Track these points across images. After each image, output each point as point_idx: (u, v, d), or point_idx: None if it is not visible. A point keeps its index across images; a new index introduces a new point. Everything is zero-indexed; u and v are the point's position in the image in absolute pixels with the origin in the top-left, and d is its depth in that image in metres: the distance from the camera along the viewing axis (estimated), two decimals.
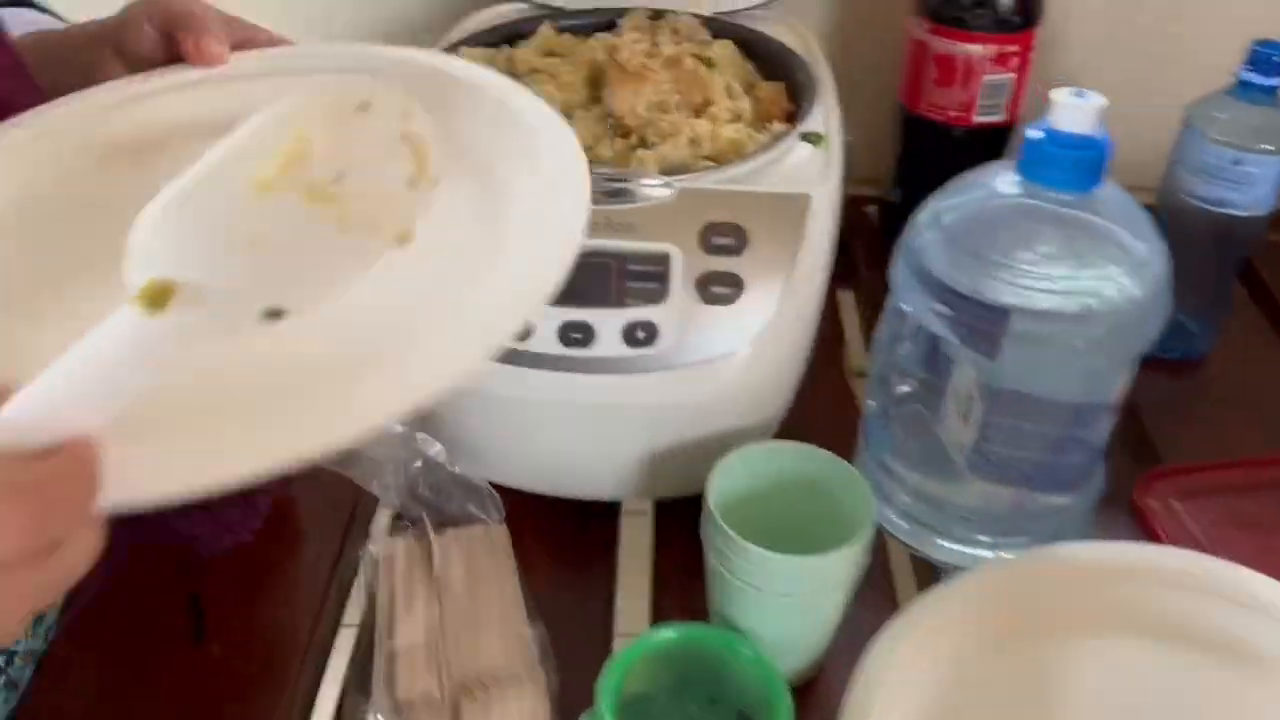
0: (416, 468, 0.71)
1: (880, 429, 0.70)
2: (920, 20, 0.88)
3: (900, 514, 0.69)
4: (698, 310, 0.61)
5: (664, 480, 0.69)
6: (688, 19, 0.82)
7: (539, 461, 0.69)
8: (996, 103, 0.88)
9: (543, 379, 0.62)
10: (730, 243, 0.62)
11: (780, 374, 0.65)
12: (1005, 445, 0.65)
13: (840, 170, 0.68)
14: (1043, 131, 0.59)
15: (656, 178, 0.63)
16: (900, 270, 0.64)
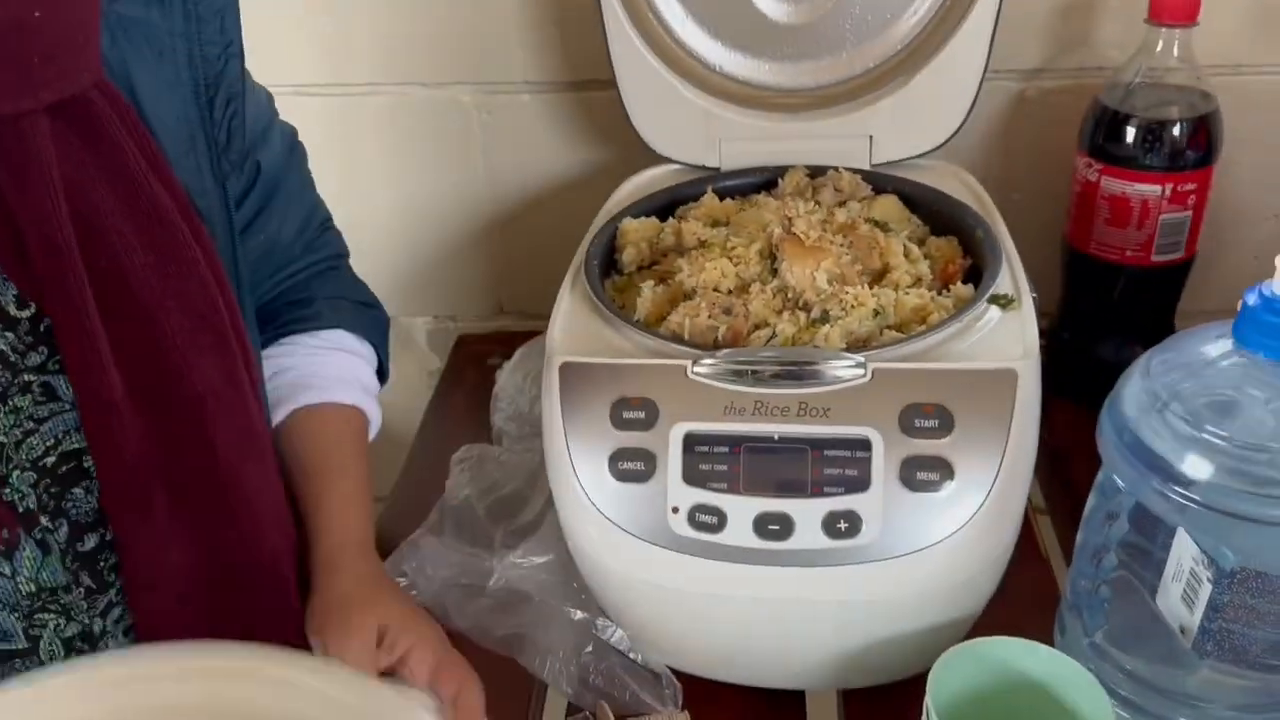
0: (588, 653, 0.69)
1: (1091, 608, 0.66)
2: (1089, 161, 0.85)
3: (1117, 700, 0.64)
4: (903, 497, 0.59)
5: (855, 672, 0.65)
6: (850, 176, 0.81)
7: (725, 651, 0.67)
8: (1175, 241, 0.84)
9: (738, 573, 0.60)
10: (934, 425, 0.59)
11: (989, 564, 0.62)
12: (1238, 623, 0.60)
13: (1037, 336, 0.65)
14: (1263, 298, 0.56)
15: (849, 357, 0.61)
16: (1111, 443, 0.60)
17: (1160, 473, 0.57)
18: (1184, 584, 0.60)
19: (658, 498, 0.61)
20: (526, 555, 0.72)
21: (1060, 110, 0.92)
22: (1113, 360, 0.63)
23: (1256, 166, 0.95)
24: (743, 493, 0.60)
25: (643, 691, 0.67)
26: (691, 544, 0.60)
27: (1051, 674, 0.57)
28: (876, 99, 0.84)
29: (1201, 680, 0.62)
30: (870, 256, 0.69)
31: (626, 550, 0.61)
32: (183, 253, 0.59)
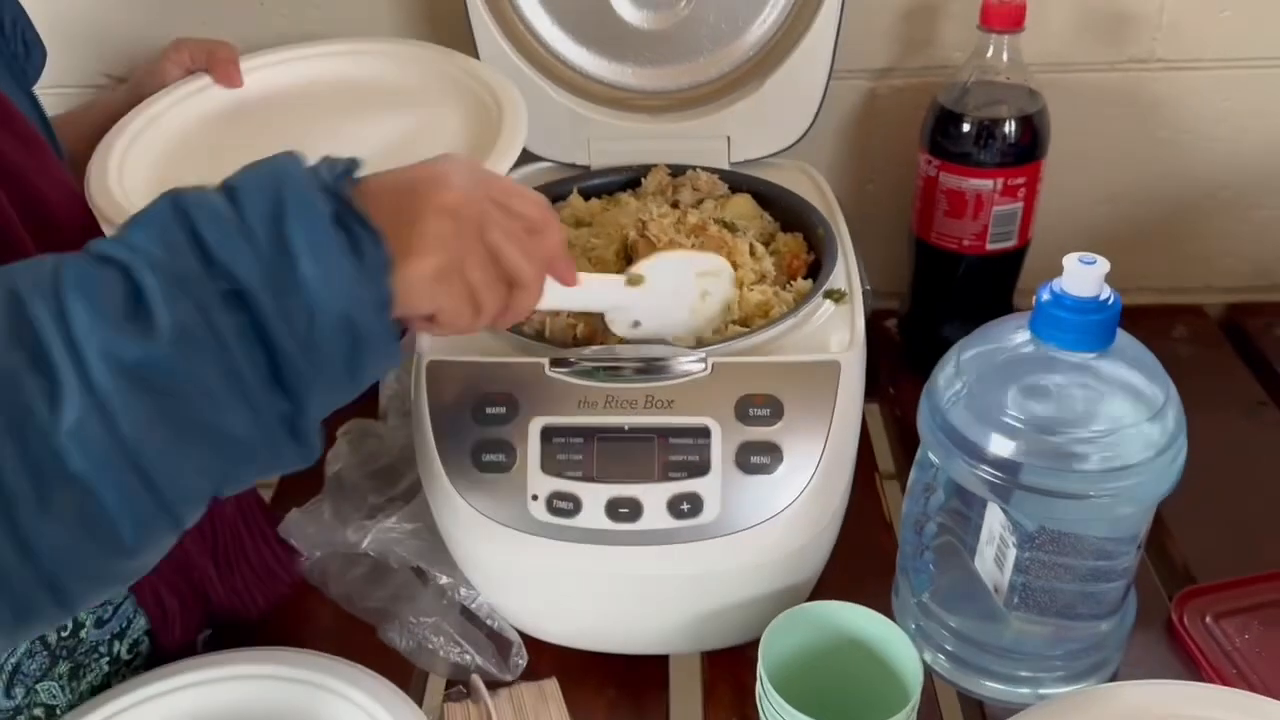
0: (445, 623, 0.74)
1: (917, 570, 0.72)
2: (929, 157, 0.91)
3: (943, 653, 0.71)
4: (739, 479, 0.64)
5: (710, 635, 0.71)
6: (707, 176, 0.86)
7: (589, 623, 0.72)
8: (1007, 230, 0.91)
9: (592, 553, 0.65)
10: (766, 413, 0.65)
11: (820, 534, 0.68)
12: (1041, 579, 0.67)
13: (864, 327, 0.71)
14: (1053, 295, 0.62)
15: (691, 353, 0.67)
16: (926, 424, 0.67)
17: (967, 451, 0.64)
18: (995, 547, 0.67)
19: (518, 486, 0.66)
20: (399, 522, 0.77)
21: (908, 109, 0.98)
22: (956, 340, 0.70)
23: (1086, 155, 1.02)
24: (596, 480, 0.65)
25: (487, 659, 0.72)
26: (550, 528, 0.65)
27: (871, 633, 0.63)
28: (732, 101, 0.89)
29: (1014, 632, 0.69)
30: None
31: (490, 536, 0.66)
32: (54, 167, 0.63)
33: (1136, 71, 0.99)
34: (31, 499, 0.40)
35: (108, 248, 0.44)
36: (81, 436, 0.40)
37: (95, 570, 0.43)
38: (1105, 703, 0.64)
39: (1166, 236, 1.08)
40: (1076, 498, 0.62)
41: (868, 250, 0.81)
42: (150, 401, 0.42)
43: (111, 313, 0.42)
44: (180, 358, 0.42)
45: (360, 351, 0.47)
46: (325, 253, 0.45)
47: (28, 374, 0.40)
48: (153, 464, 0.42)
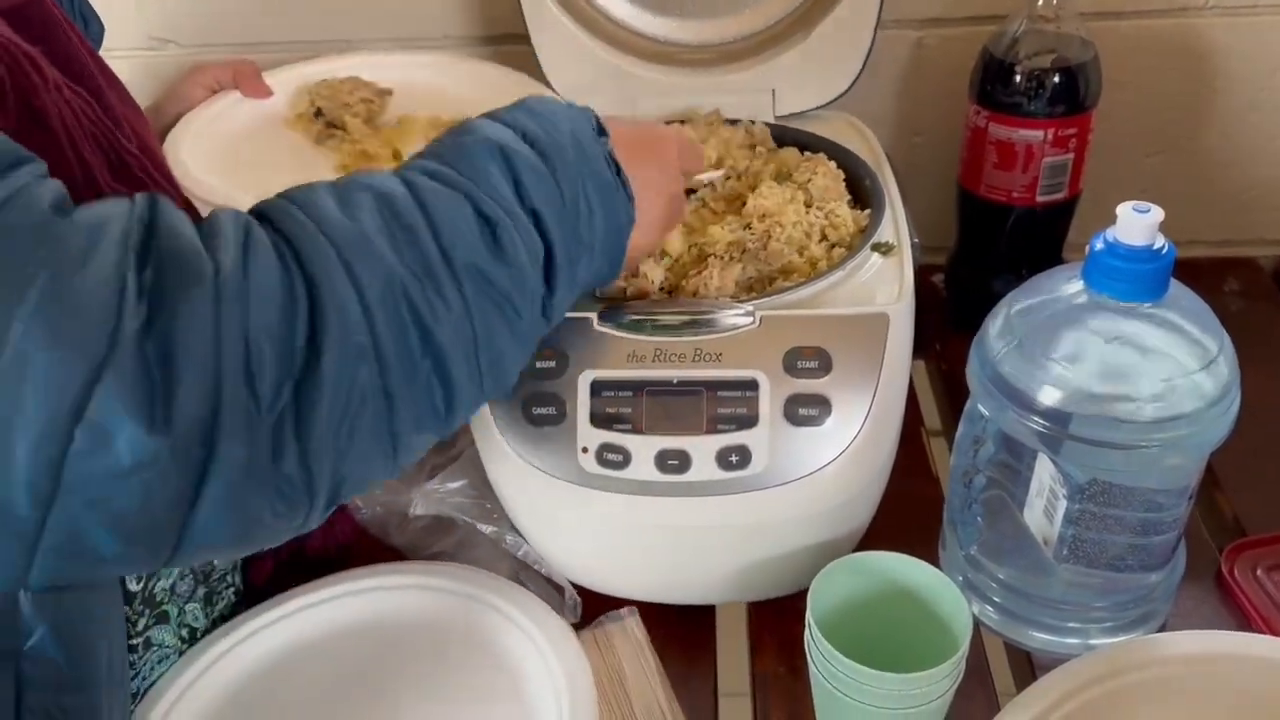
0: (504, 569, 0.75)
1: (965, 523, 0.73)
2: (978, 108, 0.90)
3: (990, 605, 0.71)
4: (787, 432, 0.65)
5: (757, 586, 0.72)
6: (760, 128, 0.85)
7: (639, 574, 0.73)
8: (1058, 182, 0.90)
9: (641, 504, 0.66)
10: (814, 365, 0.65)
11: (868, 486, 0.68)
12: (1091, 531, 0.67)
13: (913, 279, 0.71)
14: (1106, 244, 0.62)
15: (739, 306, 0.67)
16: (977, 376, 0.67)
17: (1018, 403, 0.64)
18: (1045, 499, 0.67)
19: (568, 439, 0.67)
20: (443, 482, 0.78)
21: (957, 59, 0.96)
22: (1004, 294, 0.69)
23: (1137, 107, 1.01)
24: (645, 432, 0.66)
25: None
26: (600, 480, 0.66)
27: (920, 582, 0.64)
28: (778, 53, 0.89)
29: (1063, 584, 0.69)
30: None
31: (541, 488, 0.67)
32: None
33: (1191, 18, 0.97)
34: (402, 379, 0.49)
35: (458, 181, 0.54)
36: (449, 331, 0.51)
37: (423, 436, 0.53)
38: (1154, 652, 0.64)
39: (1219, 189, 1.06)
40: (1128, 448, 0.62)
41: (914, 204, 0.81)
42: (491, 314, 0.53)
43: (475, 237, 0.52)
44: (518, 282, 0.54)
45: (600, 276, 0.62)
46: (610, 205, 0.60)
47: (415, 282, 0.49)
48: (483, 358, 0.53)
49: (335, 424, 0.46)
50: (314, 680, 0.69)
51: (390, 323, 0.48)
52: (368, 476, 0.51)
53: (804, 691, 0.65)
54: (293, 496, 0.46)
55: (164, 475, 0.42)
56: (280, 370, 0.44)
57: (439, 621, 0.71)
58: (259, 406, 0.44)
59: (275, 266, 0.46)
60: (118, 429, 0.41)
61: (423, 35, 1.03)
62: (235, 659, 0.69)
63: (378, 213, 0.50)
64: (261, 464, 0.44)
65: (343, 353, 0.46)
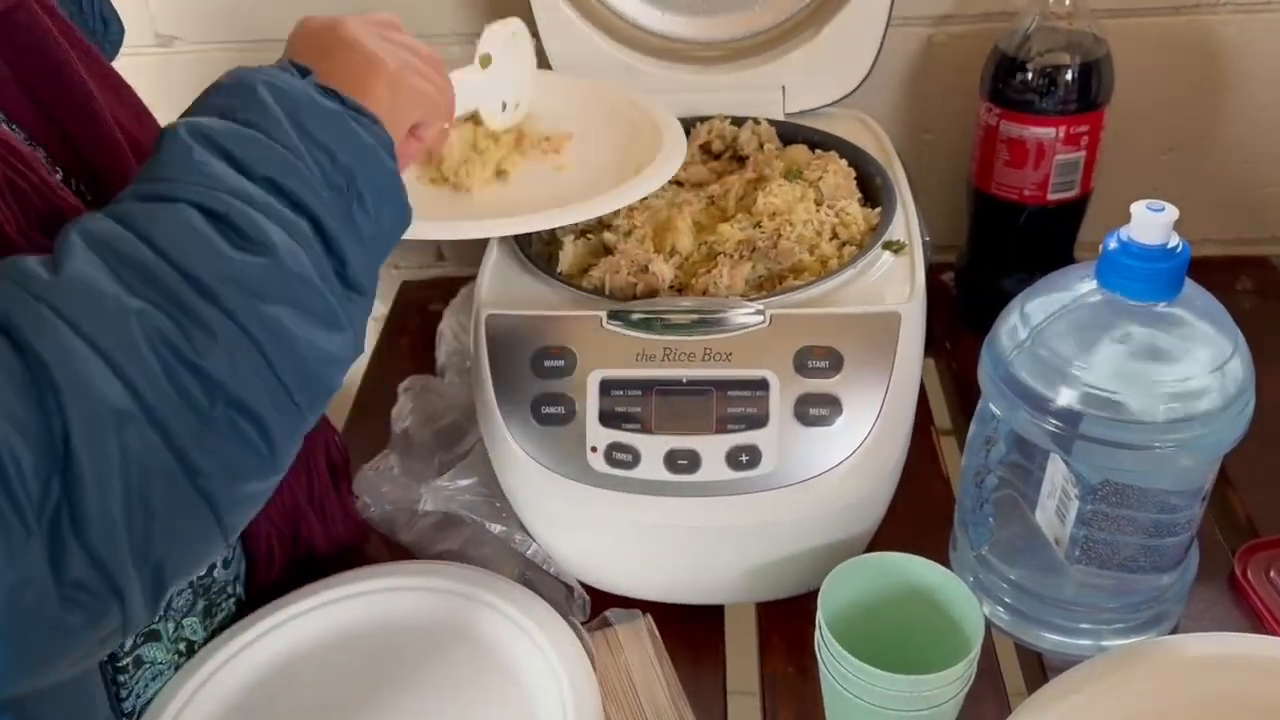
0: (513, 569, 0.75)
1: (976, 524, 0.72)
2: (989, 105, 0.90)
3: (1001, 606, 0.71)
4: (797, 431, 0.64)
5: (767, 587, 0.72)
6: (765, 127, 0.85)
7: (647, 574, 0.73)
8: (1069, 180, 0.90)
9: (650, 504, 0.66)
10: (825, 365, 0.65)
11: (879, 487, 0.68)
12: (1104, 532, 0.66)
13: (924, 278, 0.70)
14: (1120, 243, 0.61)
15: (749, 305, 0.66)
16: (989, 376, 0.66)
17: (1030, 403, 0.63)
18: (1057, 500, 0.66)
19: (577, 439, 0.66)
20: (453, 480, 0.78)
21: (968, 57, 0.96)
22: (1015, 293, 0.69)
23: (1150, 104, 1.00)
24: (654, 432, 0.65)
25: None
26: (609, 480, 0.66)
27: (931, 583, 0.63)
28: (788, 50, 0.88)
29: (1075, 585, 0.69)
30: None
31: (550, 487, 0.67)
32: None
33: (1204, 15, 0.97)
34: (194, 438, 0.43)
35: (171, 190, 0.46)
36: (230, 360, 0.44)
37: (251, 487, 0.46)
38: (1166, 654, 0.64)
39: (1231, 187, 1.05)
40: (1141, 449, 0.61)
41: (924, 202, 0.80)
42: (272, 316, 0.45)
43: (213, 243, 0.45)
44: (287, 266, 0.46)
45: (381, 198, 0.53)
46: (344, 134, 0.51)
47: (163, 317, 0.43)
48: (285, 371, 0.46)
49: (120, 507, 0.41)
50: (315, 686, 0.69)
51: (148, 374, 0.41)
52: (193, 551, 0.45)
53: (814, 692, 0.64)
54: (92, 605, 0.41)
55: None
56: (43, 465, 0.39)
57: (440, 623, 0.70)
58: (22, 515, 0.38)
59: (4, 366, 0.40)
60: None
61: (430, 32, 1.03)
62: (235, 668, 0.69)
63: (93, 254, 0.43)
64: (41, 571, 0.39)
65: (94, 425, 0.40)
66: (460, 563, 0.75)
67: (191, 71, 1.05)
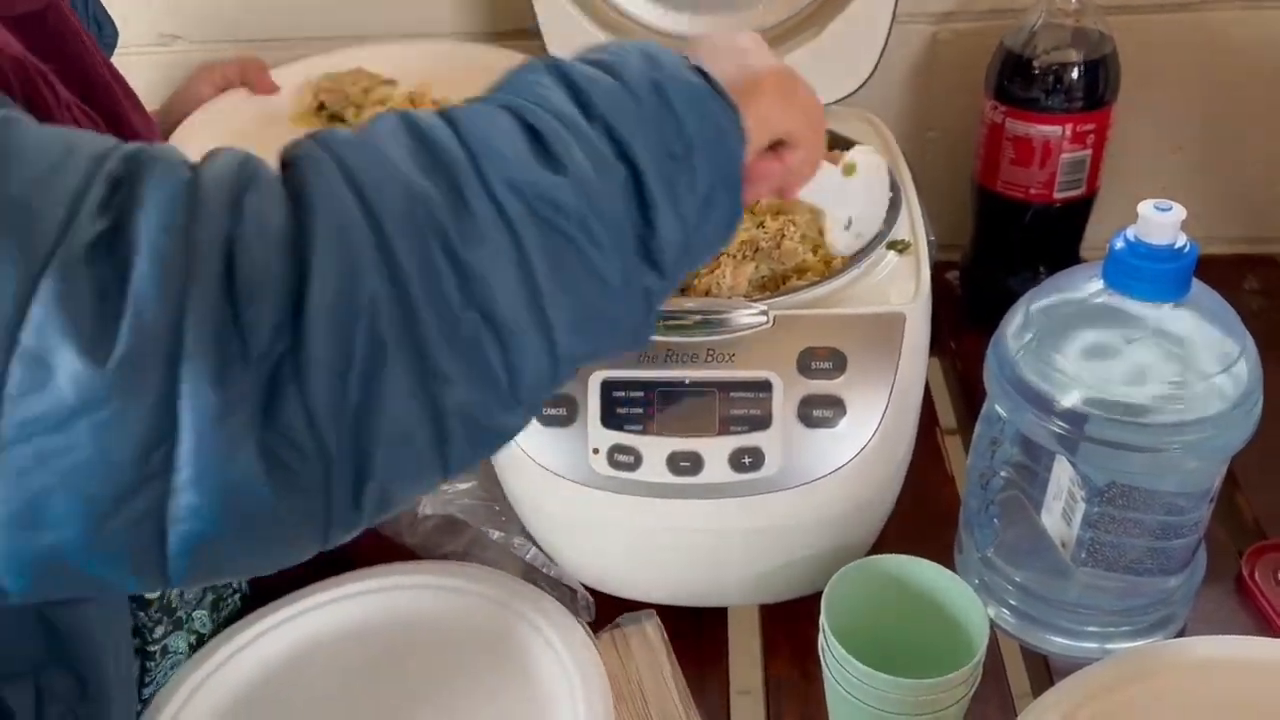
0: None
1: (982, 525, 0.72)
2: (995, 103, 0.89)
3: (1007, 608, 0.70)
4: (801, 434, 0.64)
5: (770, 589, 0.71)
6: None
7: (650, 576, 0.72)
8: (1076, 178, 0.89)
9: (653, 506, 0.65)
10: (828, 366, 0.64)
11: (883, 489, 0.67)
12: (1110, 534, 0.66)
13: (929, 277, 0.70)
14: (1127, 243, 0.61)
15: (752, 305, 0.66)
16: (994, 377, 0.66)
17: (1036, 404, 0.63)
18: (1063, 502, 0.66)
19: (579, 440, 0.66)
20: (450, 483, 0.77)
21: (973, 54, 0.95)
22: (1021, 293, 0.68)
23: (1157, 102, 0.99)
24: (656, 433, 0.65)
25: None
26: (611, 482, 0.66)
27: (935, 586, 0.63)
28: (792, 48, 0.87)
29: (1080, 588, 0.68)
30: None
31: (553, 490, 0.67)
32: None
33: (1212, 11, 0.96)
34: (438, 330, 0.40)
35: (500, 98, 0.45)
36: (494, 266, 0.41)
37: (484, 416, 0.42)
38: (1172, 657, 0.63)
39: (1239, 186, 1.05)
40: (1147, 451, 0.61)
41: (929, 201, 0.80)
42: (553, 243, 0.42)
43: (517, 149, 0.43)
44: (583, 199, 0.43)
45: (716, 183, 0.49)
46: (704, 111, 0.48)
47: (440, 199, 0.40)
48: (552, 305, 0.42)
49: (345, 377, 0.38)
50: (323, 680, 0.69)
51: (409, 251, 0.39)
52: (408, 467, 0.41)
53: (818, 695, 0.64)
54: (297, 466, 0.37)
55: (120, 421, 0.35)
56: (277, 309, 0.37)
57: (453, 621, 0.71)
58: (244, 341, 0.36)
59: (269, 191, 0.39)
60: (57, 357, 0.34)
61: (432, 30, 1.02)
62: (245, 659, 0.69)
63: (400, 129, 0.42)
64: (247, 407, 0.36)
65: (341, 282, 0.38)
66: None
67: (193, 70, 1.05)
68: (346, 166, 0.40)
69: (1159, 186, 1.02)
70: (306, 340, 0.37)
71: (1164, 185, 1.03)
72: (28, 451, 0.35)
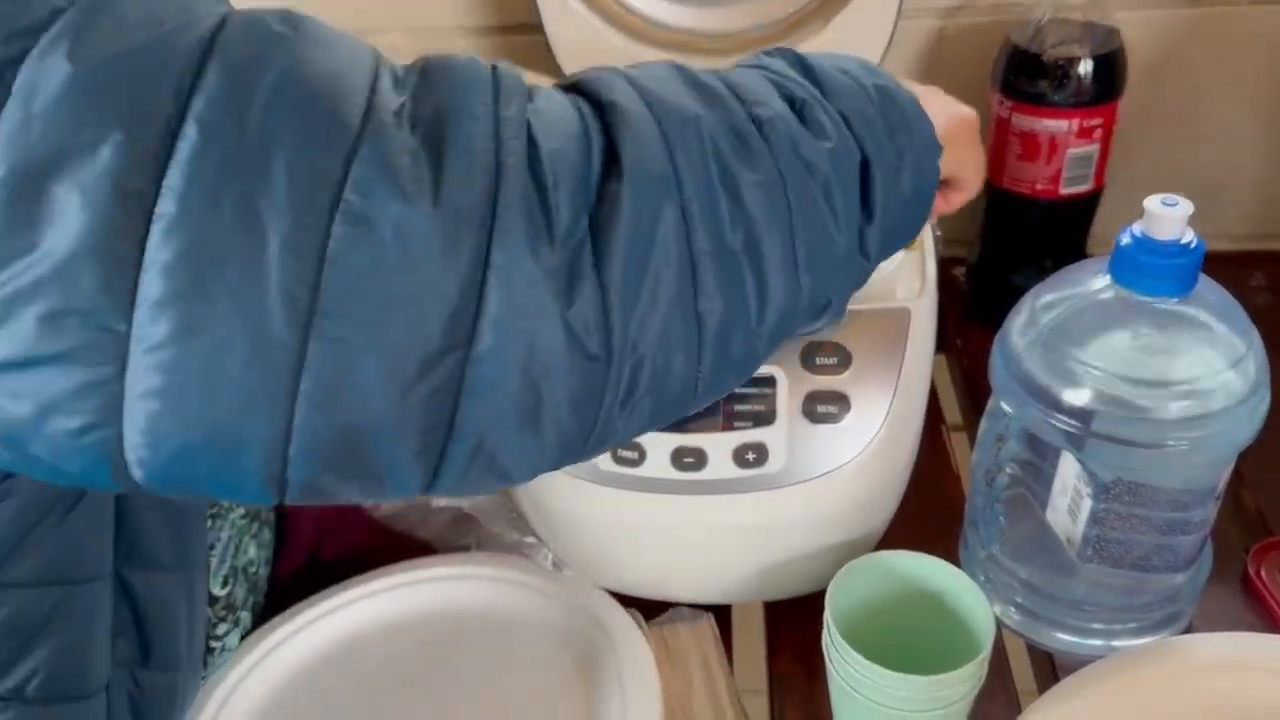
0: None
1: (987, 523, 0.71)
2: (1001, 98, 0.89)
3: (1013, 606, 0.70)
4: (805, 430, 0.64)
5: (774, 586, 0.71)
6: None
7: (653, 572, 0.72)
8: (1083, 174, 0.89)
9: (657, 502, 0.65)
10: (833, 362, 0.64)
11: (888, 485, 0.67)
12: (1117, 531, 0.66)
13: (935, 273, 0.69)
14: (1134, 238, 0.60)
15: None
16: (1000, 373, 0.66)
17: (1043, 400, 0.63)
18: (1069, 498, 0.66)
19: None
20: None
21: (979, 49, 0.95)
22: (1027, 289, 0.68)
23: (1164, 97, 0.99)
24: (660, 429, 0.64)
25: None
26: (614, 477, 0.65)
27: (940, 583, 0.62)
28: (796, 43, 0.87)
29: (1087, 584, 0.68)
30: None
31: (555, 485, 0.67)
32: None
33: (1219, 7, 0.95)
34: (709, 246, 0.42)
35: (750, 71, 0.49)
36: (758, 198, 0.44)
37: (734, 338, 0.45)
38: (1178, 654, 0.63)
39: (1246, 181, 1.04)
40: (1154, 447, 0.60)
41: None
42: (807, 196, 0.45)
43: (780, 107, 0.46)
44: (832, 167, 0.46)
45: (917, 191, 0.52)
46: (918, 128, 0.52)
47: (719, 128, 0.44)
48: (801, 244, 0.45)
49: (637, 271, 0.40)
50: (376, 668, 0.69)
51: (695, 172, 0.42)
52: (667, 370, 0.42)
53: (822, 692, 0.64)
54: (589, 346, 0.39)
55: (437, 276, 0.36)
56: (577, 197, 0.39)
57: (497, 611, 0.71)
58: (550, 219, 0.38)
59: (561, 98, 0.42)
60: (379, 208, 0.35)
61: (435, 25, 1.02)
62: (295, 646, 0.69)
63: (673, 70, 0.46)
64: (555, 283, 0.38)
65: (643, 182, 0.40)
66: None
67: None
68: (638, 85, 0.43)
69: (1165, 181, 1.01)
70: (608, 233, 0.39)
71: (1170, 180, 1.02)
72: (345, 314, 0.35)
